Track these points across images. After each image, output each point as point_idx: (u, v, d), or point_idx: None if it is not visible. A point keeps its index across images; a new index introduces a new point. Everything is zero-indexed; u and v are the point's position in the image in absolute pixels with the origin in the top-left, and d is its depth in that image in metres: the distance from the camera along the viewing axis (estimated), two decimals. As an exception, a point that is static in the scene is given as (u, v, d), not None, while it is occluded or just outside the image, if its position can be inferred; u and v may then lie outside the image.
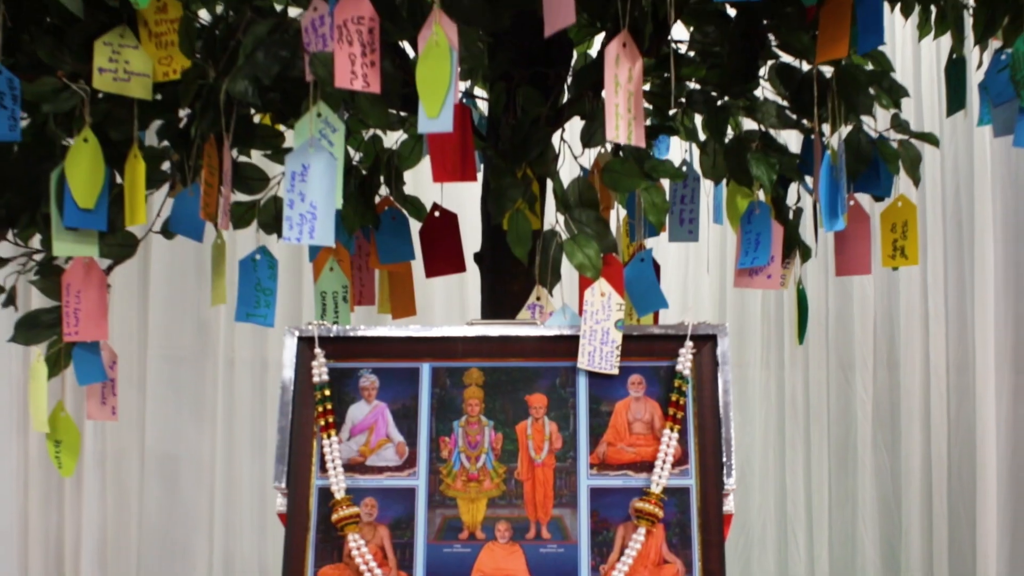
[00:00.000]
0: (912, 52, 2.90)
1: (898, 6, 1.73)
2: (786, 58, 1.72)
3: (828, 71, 1.66)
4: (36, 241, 1.80)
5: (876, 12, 1.47)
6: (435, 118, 1.31)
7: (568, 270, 1.54)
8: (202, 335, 2.77)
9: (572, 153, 1.63)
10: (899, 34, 2.84)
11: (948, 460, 2.84)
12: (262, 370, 2.90)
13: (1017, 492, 2.83)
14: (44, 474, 2.67)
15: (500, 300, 1.77)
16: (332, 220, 1.41)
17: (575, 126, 1.67)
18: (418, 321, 1.87)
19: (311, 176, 1.40)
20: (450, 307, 2.84)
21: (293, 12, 1.65)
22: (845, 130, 1.75)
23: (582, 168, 1.66)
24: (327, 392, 1.43)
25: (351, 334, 1.46)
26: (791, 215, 1.78)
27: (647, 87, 1.84)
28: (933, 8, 1.82)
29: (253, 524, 2.93)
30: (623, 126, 1.33)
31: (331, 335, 1.45)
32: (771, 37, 1.69)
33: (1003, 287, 2.84)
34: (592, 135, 1.52)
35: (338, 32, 1.34)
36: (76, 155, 1.51)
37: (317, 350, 1.44)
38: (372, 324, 1.73)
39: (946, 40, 1.84)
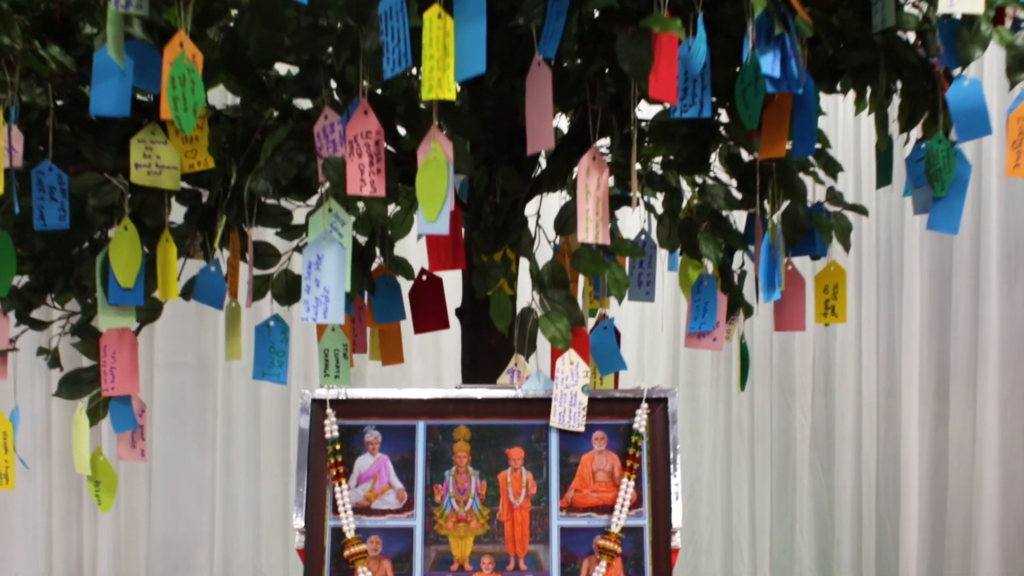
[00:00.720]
0: (853, 122, 3.10)
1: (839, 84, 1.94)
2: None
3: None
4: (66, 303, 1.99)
5: (809, 124, 1.67)
6: (433, 222, 1.53)
7: (542, 339, 1.76)
8: (202, 372, 2.92)
9: (546, 238, 1.84)
10: (842, 105, 3.04)
11: (876, 479, 3.02)
12: (256, 403, 3.03)
13: (936, 507, 3.03)
14: (65, 496, 2.82)
15: (479, 352, 1.94)
16: (343, 301, 1.62)
17: (549, 207, 1.89)
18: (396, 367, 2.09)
19: (324, 265, 1.61)
20: (425, 357, 3.00)
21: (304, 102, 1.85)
22: (786, 203, 1.95)
23: (554, 248, 1.86)
24: (338, 446, 1.62)
25: (357, 396, 1.66)
26: (736, 279, 1.99)
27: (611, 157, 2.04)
28: (868, 88, 2.03)
29: (248, 537, 3.04)
30: (591, 228, 1.55)
31: (340, 397, 1.65)
32: (722, 130, 1.90)
33: (927, 327, 3.04)
34: (564, 223, 1.72)
35: (350, 146, 1.55)
36: (118, 242, 1.69)
37: (329, 410, 1.63)
38: (372, 385, 1.93)
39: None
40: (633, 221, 2.24)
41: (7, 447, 1.85)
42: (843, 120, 3.05)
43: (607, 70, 1.64)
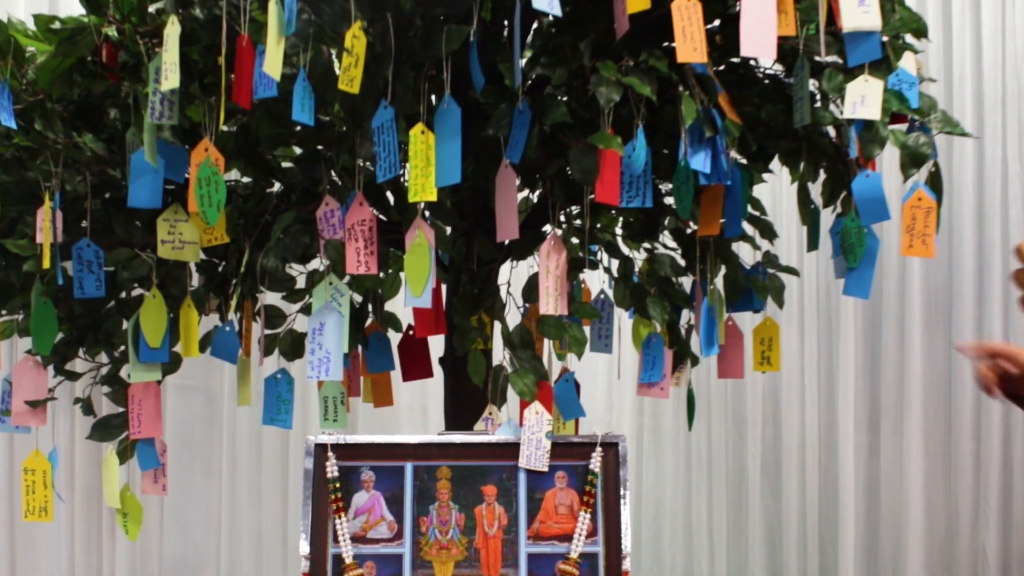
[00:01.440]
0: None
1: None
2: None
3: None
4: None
5: (737, 208, 1.92)
6: (419, 297, 1.79)
7: (512, 391, 1.99)
8: (210, 409, 3.08)
9: (516, 304, 2.09)
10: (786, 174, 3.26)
11: (818, 503, 3.18)
12: (258, 438, 3.17)
13: (869, 528, 3.21)
14: (86, 524, 2.95)
15: (459, 398, 2.14)
16: (341, 360, 1.86)
17: (519, 275, 2.13)
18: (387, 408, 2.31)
19: (326, 330, 1.85)
20: (412, 400, 3.13)
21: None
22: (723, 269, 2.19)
23: (523, 313, 2.11)
24: (337, 485, 1.85)
25: (354, 441, 1.90)
26: (684, 333, 2.22)
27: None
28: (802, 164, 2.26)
29: (251, 560, 3.18)
30: (552, 301, 1.80)
31: (339, 442, 1.90)
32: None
33: (861, 368, 3.22)
34: (531, 292, 1.97)
35: (348, 233, 1.81)
36: (147, 309, 1.93)
37: (330, 453, 1.88)
38: (365, 423, 2.15)
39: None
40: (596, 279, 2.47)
41: (46, 484, 2.09)
42: (787, 187, 3.24)
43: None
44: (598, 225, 2.28)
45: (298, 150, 2.03)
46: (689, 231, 2.13)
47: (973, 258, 3.12)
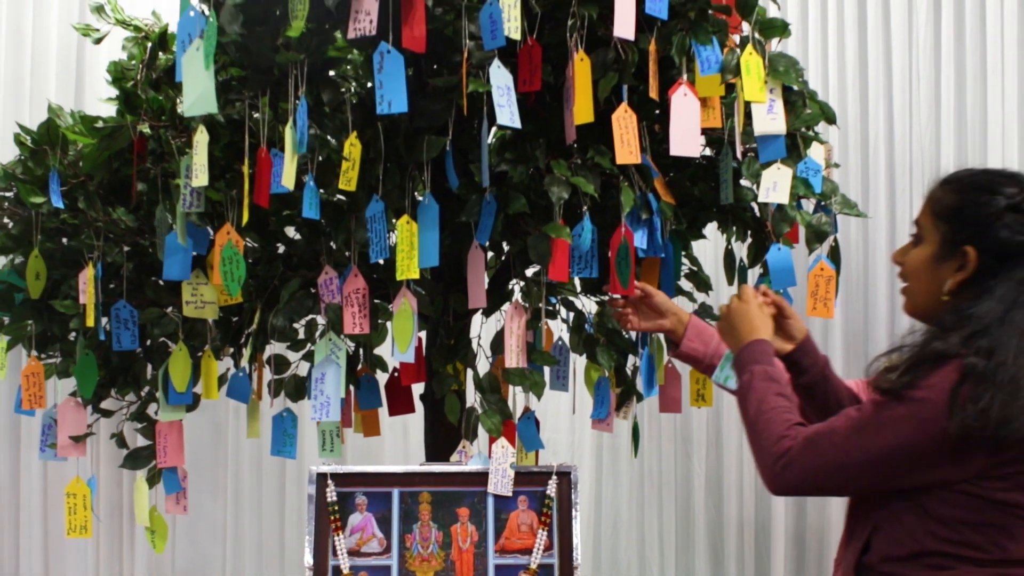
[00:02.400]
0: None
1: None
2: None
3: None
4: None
5: (670, 277, 2.26)
6: (404, 352, 2.12)
7: (482, 428, 2.31)
8: (217, 436, 3.29)
9: (485, 355, 2.41)
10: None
11: (755, 517, 3.40)
12: (259, 461, 3.38)
13: (798, 540, 3.45)
14: (109, 539, 3.15)
15: (437, 432, 2.43)
16: (339, 403, 2.19)
17: (488, 328, 2.45)
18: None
19: (327, 379, 2.17)
20: (395, 432, 3.38)
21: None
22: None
23: (491, 363, 2.43)
24: (336, 507, 2.16)
25: (349, 471, 2.23)
26: (631, 373, 2.55)
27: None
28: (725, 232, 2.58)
29: (252, 570, 3.37)
30: (514, 356, 2.13)
31: (337, 472, 2.22)
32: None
33: None
34: (498, 345, 2.30)
35: (345, 299, 2.13)
36: (175, 360, 2.24)
37: (329, 481, 2.20)
38: (353, 451, 2.45)
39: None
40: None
41: (87, 506, 2.40)
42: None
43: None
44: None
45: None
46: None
47: (887, 305, 3.41)
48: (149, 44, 2.43)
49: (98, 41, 2.59)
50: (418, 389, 2.51)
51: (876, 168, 3.22)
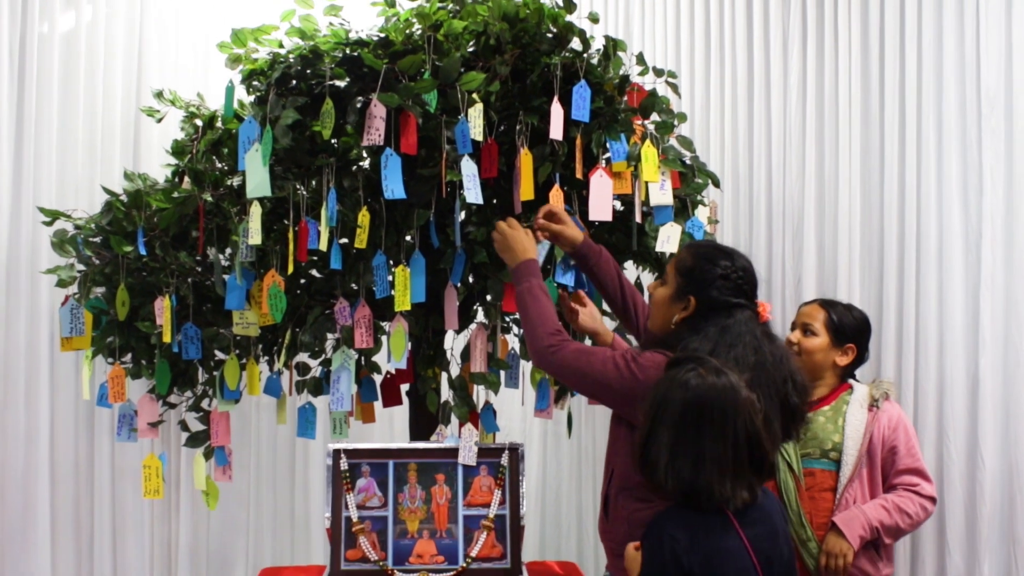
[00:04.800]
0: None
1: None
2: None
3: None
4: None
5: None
6: (399, 361, 2.81)
7: (454, 417, 2.98)
8: (243, 423, 3.74)
9: (457, 361, 3.10)
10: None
11: None
12: (275, 441, 3.86)
13: None
14: (160, 502, 3.61)
15: (420, 419, 3.07)
16: (350, 399, 2.87)
17: (459, 343, 3.14)
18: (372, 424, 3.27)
19: (341, 381, 2.84)
20: (382, 418, 3.78)
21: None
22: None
23: (459, 367, 3.11)
24: (347, 474, 2.83)
25: (357, 447, 2.88)
26: None
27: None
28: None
29: (270, 529, 3.83)
30: (478, 364, 2.83)
31: (348, 448, 2.89)
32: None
33: None
34: (465, 355, 2.97)
35: (355, 324, 2.81)
36: (228, 366, 2.90)
37: (342, 456, 2.87)
38: (354, 434, 3.10)
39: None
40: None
41: (158, 475, 3.05)
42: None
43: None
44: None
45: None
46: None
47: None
48: (199, 122, 3.11)
49: (159, 120, 3.25)
50: (404, 388, 3.17)
51: (757, 213, 3.79)
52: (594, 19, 2.97)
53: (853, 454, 2.69)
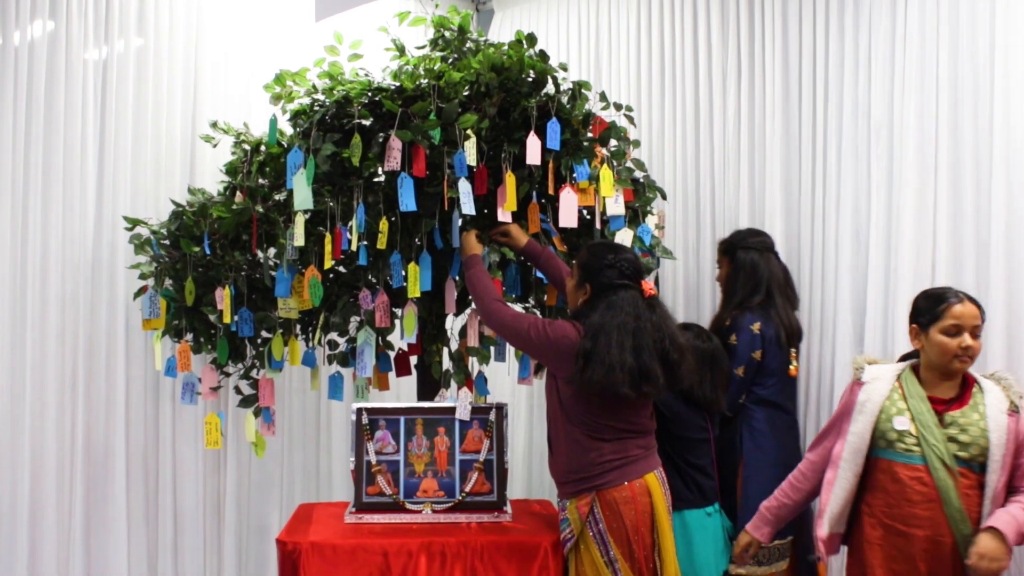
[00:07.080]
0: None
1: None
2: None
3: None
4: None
5: (562, 300, 3.63)
6: (410, 337, 3.43)
7: (453, 382, 3.60)
8: (277, 389, 4.24)
9: (456, 339, 3.70)
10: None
11: None
12: (303, 404, 4.38)
13: None
14: (212, 454, 4.14)
15: (426, 384, 3.63)
16: (372, 368, 3.47)
17: (457, 323, 3.75)
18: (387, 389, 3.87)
19: (364, 355, 3.44)
20: (399, 384, 4.37)
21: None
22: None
23: (458, 342, 3.72)
24: (367, 427, 3.42)
25: (376, 407, 3.48)
26: None
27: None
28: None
29: (298, 478, 4.37)
30: (472, 340, 3.46)
31: (369, 407, 3.49)
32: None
33: None
34: (462, 334, 3.61)
35: (376, 309, 3.43)
36: (274, 342, 3.48)
37: (364, 413, 3.48)
38: (373, 397, 3.71)
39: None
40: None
41: (217, 429, 3.65)
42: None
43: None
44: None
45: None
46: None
47: (711, 308, 4.56)
48: (247, 147, 3.71)
49: (215, 146, 3.85)
50: (413, 360, 3.77)
51: (703, 220, 4.39)
52: (564, 67, 3.57)
53: (998, 458, 2.61)
